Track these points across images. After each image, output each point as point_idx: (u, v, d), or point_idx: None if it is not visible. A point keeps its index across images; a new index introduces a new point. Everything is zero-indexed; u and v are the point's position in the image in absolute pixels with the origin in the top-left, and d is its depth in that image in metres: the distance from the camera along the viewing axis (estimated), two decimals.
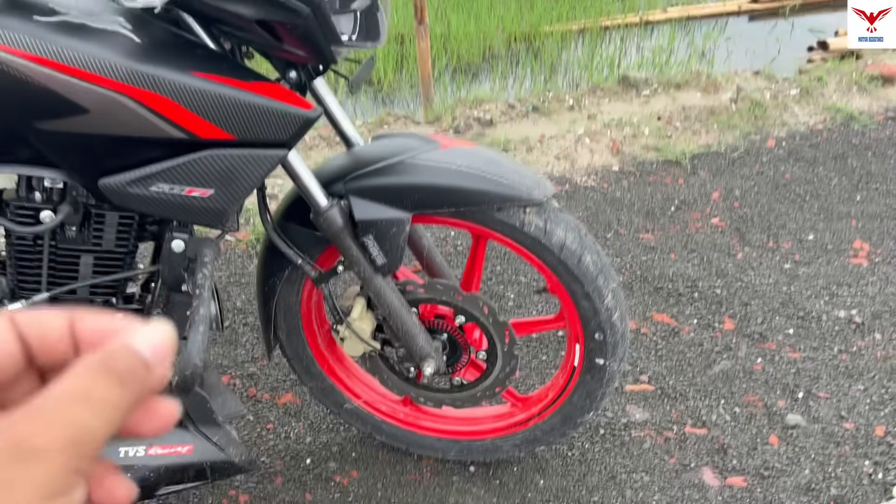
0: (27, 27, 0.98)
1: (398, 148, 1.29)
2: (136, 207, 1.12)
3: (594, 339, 1.39)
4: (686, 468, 1.63)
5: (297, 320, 1.50)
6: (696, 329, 2.00)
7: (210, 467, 1.26)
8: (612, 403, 1.77)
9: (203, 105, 1.04)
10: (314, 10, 1.04)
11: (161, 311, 1.24)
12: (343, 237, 1.27)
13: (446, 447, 1.62)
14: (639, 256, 2.27)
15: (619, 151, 2.83)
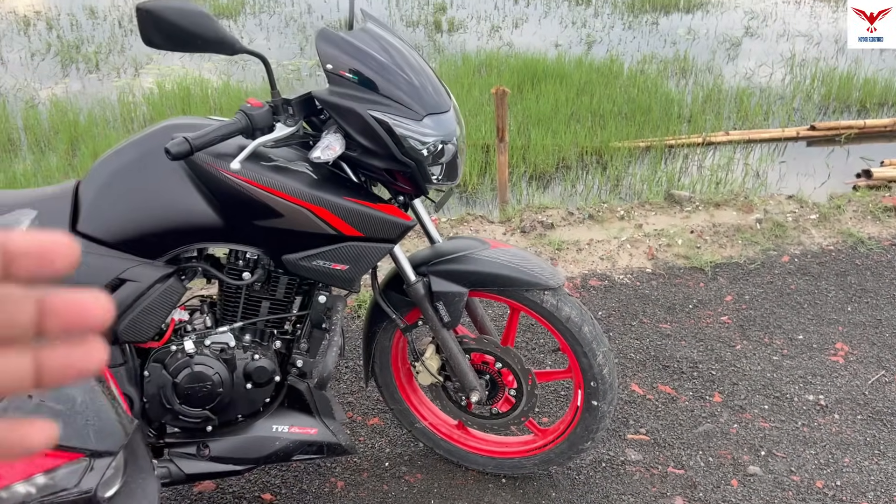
0: (257, 167, 1.72)
1: (462, 246, 1.98)
2: (301, 274, 1.83)
3: (591, 386, 2.01)
4: (663, 495, 2.18)
5: (388, 359, 2.18)
6: (690, 399, 2.56)
7: (326, 446, 1.93)
8: (614, 445, 2.35)
9: (348, 216, 1.76)
10: (417, 164, 1.75)
11: (306, 341, 1.94)
12: (423, 302, 1.95)
13: (485, 462, 2.24)
14: (655, 341, 2.86)
15: (654, 257, 3.45)
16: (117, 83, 6.94)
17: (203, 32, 1.54)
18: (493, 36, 8.77)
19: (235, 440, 1.88)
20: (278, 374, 1.90)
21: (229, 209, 1.75)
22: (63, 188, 1.79)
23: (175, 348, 1.83)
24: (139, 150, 1.76)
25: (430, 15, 9.42)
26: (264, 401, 1.92)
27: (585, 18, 9.67)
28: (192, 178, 1.74)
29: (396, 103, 1.73)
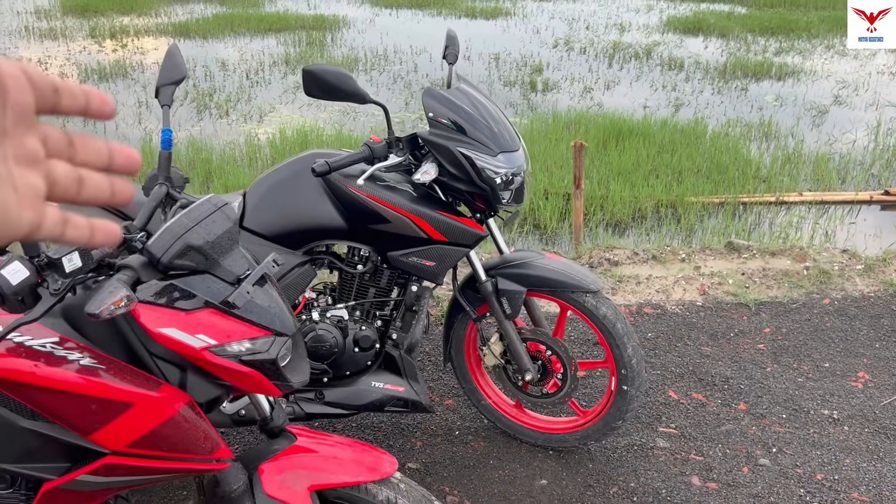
0: (374, 185, 2.35)
1: (524, 256, 2.55)
2: (400, 267, 2.44)
3: (622, 373, 2.51)
4: (682, 474, 2.64)
5: (462, 345, 2.75)
6: (718, 406, 3.00)
7: (410, 402, 2.50)
8: (646, 434, 2.82)
9: (437, 225, 2.36)
10: (490, 189, 2.35)
11: (400, 320, 2.53)
12: (491, 297, 2.52)
13: (536, 436, 2.75)
14: (695, 359, 3.31)
15: (705, 293, 3.90)
16: (244, 128, 7.90)
17: (345, 87, 2.20)
18: (585, 96, 9.37)
19: (344, 390, 2.48)
20: (378, 343, 2.50)
21: (352, 215, 2.39)
22: (234, 195, 2.47)
23: (305, 317, 2.46)
24: (291, 169, 2.44)
25: (527, 76, 10.12)
26: (367, 363, 2.52)
27: (676, 83, 10.14)
28: (327, 191, 2.39)
29: (478, 143, 2.33)
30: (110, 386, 1.37)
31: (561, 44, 12.34)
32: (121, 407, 1.37)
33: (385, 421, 2.88)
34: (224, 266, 1.46)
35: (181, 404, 1.42)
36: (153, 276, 1.42)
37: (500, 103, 9.17)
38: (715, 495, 2.54)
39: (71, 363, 1.37)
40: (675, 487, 2.58)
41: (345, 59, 10.60)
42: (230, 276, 1.47)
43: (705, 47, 12.20)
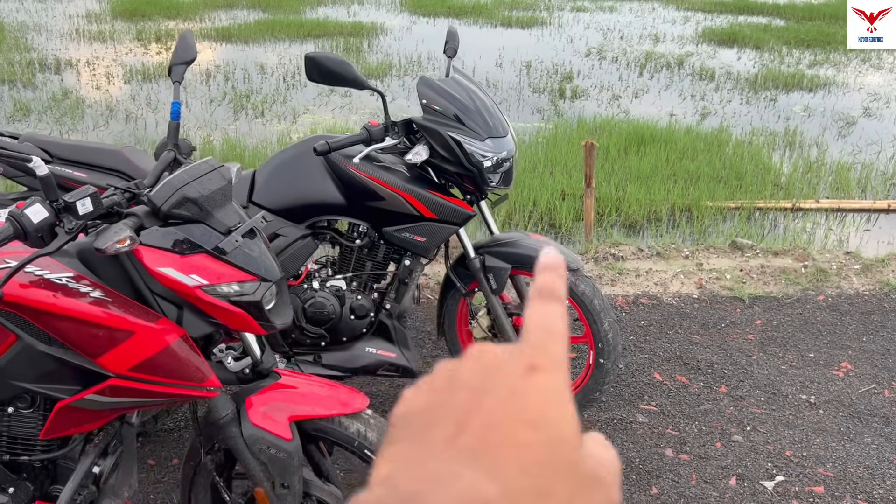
0: (370, 165, 2.57)
1: (510, 236, 2.74)
2: (394, 242, 2.65)
3: (599, 347, 2.69)
4: (657, 446, 2.79)
5: (454, 319, 2.95)
6: (700, 387, 3.15)
7: (402, 368, 2.70)
8: (627, 410, 2.98)
9: (428, 203, 2.57)
10: (478, 171, 2.54)
11: (394, 291, 2.73)
12: (479, 273, 2.71)
13: None
14: (684, 346, 3.46)
15: (702, 286, 4.04)
16: (277, 128, 8.21)
17: (344, 73, 2.43)
18: (612, 104, 9.51)
19: (340, 354, 2.70)
20: (373, 312, 2.71)
21: (350, 193, 2.61)
22: (247, 173, 2.71)
23: (306, 286, 2.69)
24: (296, 150, 2.67)
25: (557, 83, 10.29)
26: (362, 330, 2.73)
27: (705, 92, 10.22)
28: (328, 170, 2.61)
29: (468, 128, 2.54)
30: (116, 316, 1.60)
31: (593, 53, 12.48)
32: (124, 335, 1.60)
33: (383, 389, 3.09)
34: (217, 218, 1.69)
35: (176, 336, 1.65)
36: (154, 223, 1.65)
37: (528, 109, 9.37)
38: (686, 465, 2.69)
39: (83, 295, 1.61)
40: (649, 458, 2.73)
41: (380, 64, 10.89)
42: (222, 227, 1.69)
43: (738, 58, 12.23)
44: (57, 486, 1.84)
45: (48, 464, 1.82)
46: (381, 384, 3.12)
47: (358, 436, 1.83)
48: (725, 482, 2.62)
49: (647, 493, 2.56)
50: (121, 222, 1.58)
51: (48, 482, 1.84)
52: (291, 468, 1.81)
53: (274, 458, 1.79)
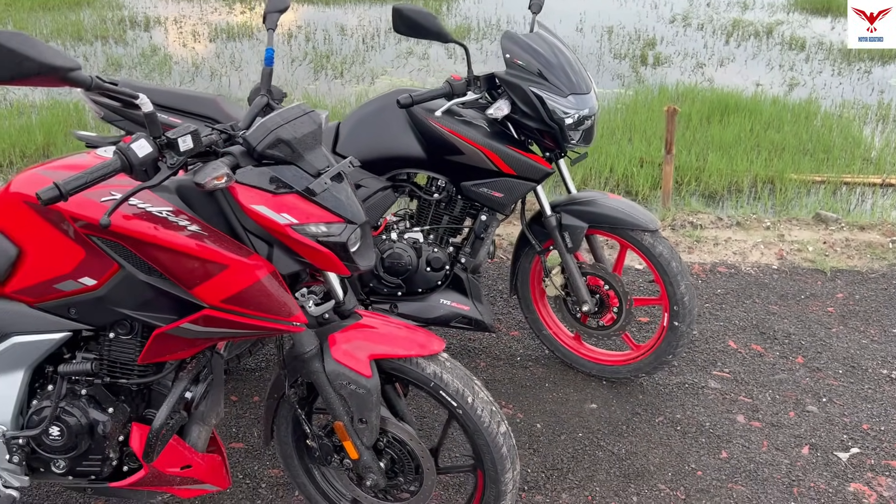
0: (451, 120, 2.60)
1: (588, 195, 2.74)
2: (471, 197, 2.68)
3: (674, 309, 2.67)
4: (728, 412, 2.77)
5: (527, 277, 2.97)
6: (775, 357, 3.10)
7: (474, 321, 2.75)
8: (699, 376, 2.96)
9: (508, 159, 2.58)
10: (559, 128, 2.54)
11: (469, 245, 2.77)
12: (554, 231, 2.72)
13: (591, 367, 2.95)
14: (761, 315, 3.40)
15: (783, 257, 3.94)
16: (356, 88, 8.29)
17: (429, 26, 2.45)
18: (696, 72, 9.24)
19: (415, 305, 2.76)
20: (448, 265, 2.76)
21: (430, 146, 2.64)
22: (331, 125, 2.77)
23: (384, 237, 2.75)
24: (379, 104, 2.72)
25: (639, 50, 10.05)
26: (437, 282, 2.78)
27: (794, 62, 9.83)
28: (410, 124, 2.66)
29: (550, 84, 2.53)
30: (211, 250, 1.68)
31: (678, 19, 12.11)
32: (218, 268, 1.68)
33: (454, 343, 3.15)
34: (307, 160, 1.75)
35: (266, 272, 1.72)
36: (249, 163, 1.72)
37: (608, 75, 9.19)
38: (757, 432, 2.67)
39: (181, 228, 1.69)
40: (720, 422, 2.72)
41: (458, 27, 10.84)
42: (312, 169, 1.75)
43: (832, 28, 11.68)
44: (151, 409, 1.96)
45: (143, 388, 1.94)
46: (452, 337, 3.18)
47: (434, 377, 1.88)
48: (797, 451, 2.59)
49: (716, 457, 2.55)
50: (218, 160, 1.65)
51: (143, 405, 1.97)
52: (370, 404, 1.88)
53: (353, 394, 1.87)
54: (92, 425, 1.87)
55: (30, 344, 1.82)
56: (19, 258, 1.77)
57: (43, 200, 1.44)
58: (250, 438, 2.61)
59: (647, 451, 2.58)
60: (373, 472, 1.96)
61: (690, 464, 2.52)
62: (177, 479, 1.99)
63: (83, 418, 1.86)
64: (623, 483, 2.44)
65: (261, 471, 2.47)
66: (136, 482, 1.95)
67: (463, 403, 1.89)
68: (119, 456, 1.96)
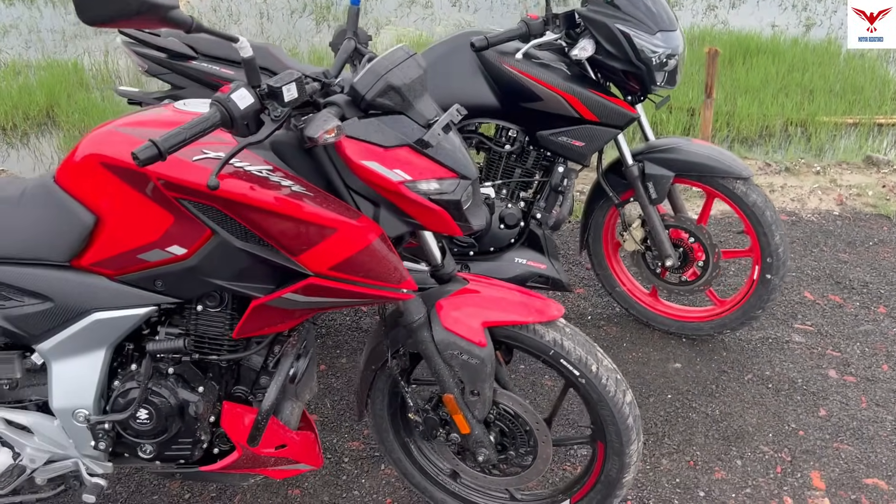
0: (527, 63, 2.39)
1: (672, 141, 2.55)
2: (548, 147, 2.49)
3: (767, 261, 2.51)
4: (819, 366, 2.64)
5: (600, 232, 2.80)
6: (856, 308, 2.96)
7: (551, 280, 2.58)
8: (781, 330, 2.83)
9: (590, 104, 2.39)
10: (647, 68, 2.34)
11: (544, 200, 2.59)
12: (637, 182, 2.54)
13: (670, 324, 2.80)
14: (832, 264, 3.26)
15: (843, 203, 3.79)
16: None
17: None
18: (708, 14, 8.98)
19: (488, 265, 2.59)
20: (522, 221, 2.58)
21: (504, 93, 2.44)
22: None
23: None
24: (447, 47, 2.50)
25: None
26: (510, 240, 2.60)
27: (807, 2, 9.57)
28: (481, 69, 2.45)
29: (636, 20, 2.33)
30: (318, 212, 1.49)
31: None
32: (326, 232, 1.50)
33: None
34: (417, 109, 1.55)
35: (376, 235, 1.54)
36: (355, 114, 1.52)
37: None
38: (853, 388, 2.54)
39: (283, 188, 1.50)
40: (812, 378, 2.59)
41: None
42: (422, 119, 1.55)
43: None
44: (240, 386, 1.80)
45: (233, 365, 1.77)
46: None
47: (554, 344, 1.72)
48: None
49: (814, 415, 2.43)
50: (325, 111, 1.46)
51: (232, 382, 1.80)
52: (483, 375, 1.72)
53: (465, 365, 1.71)
54: (182, 406, 1.71)
55: (112, 320, 1.64)
56: (97, 227, 1.57)
57: (141, 161, 1.25)
58: (323, 409, 2.45)
59: (742, 411, 2.45)
60: (484, 447, 1.81)
61: (790, 423, 2.39)
62: (271, 460, 1.83)
63: (172, 399, 1.69)
64: (724, 446, 2.30)
65: (340, 444, 2.32)
66: (230, 465, 1.80)
67: (586, 372, 1.73)
68: (210, 437, 1.80)
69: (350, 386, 2.57)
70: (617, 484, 1.84)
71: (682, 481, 2.17)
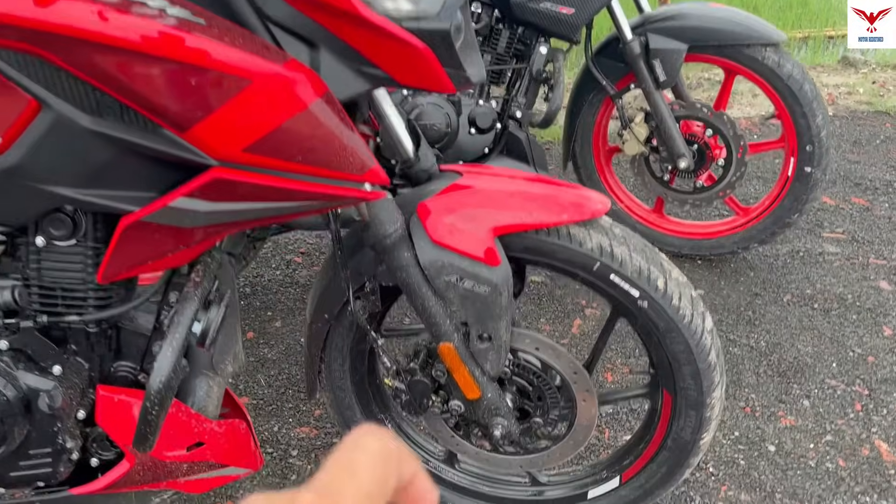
0: None
1: (679, 8, 2.00)
2: (527, 18, 1.90)
3: (805, 150, 2.00)
4: (867, 279, 2.17)
5: (590, 136, 2.24)
6: (886, 210, 2.51)
7: None
8: (809, 241, 2.35)
9: None
10: None
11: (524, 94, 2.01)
12: (638, 61, 1.98)
13: (682, 244, 2.28)
14: (843, 166, 2.80)
15: (834, 102, 3.35)
16: None
17: None
18: None
19: None
20: (498, 122, 1.99)
21: None
22: None
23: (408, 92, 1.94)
24: None
25: None
26: (485, 149, 2.01)
27: None
28: None
29: None
30: (218, 52, 0.86)
31: None
32: (233, 86, 0.87)
33: None
34: None
35: (316, 92, 0.92)
36: None
37: None
38: None
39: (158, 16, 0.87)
40: (863, 293, 2.11)
41: None
42: None
43: None
44: (123, 362, 1.16)
45: (107, 329, 1.13)
46: None
47: (600, 253, 1.15)
48: None
49: (880, 336, 1.94)
50: None
51: (110, 357, 1.16)
52: (497, 309, 1.14)
53: (470, 296, 1.12)
54: (26, 399, 1.07)
55: None
56: None
57: None
58: (256, 389, 1.82)
59: (792, 339, 1.94)
60: (501, 416, 1.23)
61: (853, 348, 1.90)
62: (183, 467, 1.21)
63: (9, 389, 1.06)
64: (782, 384, 1.80)
65: (284, 433, 1.70)
66: (118, 481, 1.17)
67: (649, 290, 1.16)
68: (82, 443, 1.16)
69: (290, 354, 1.94)
70: (691, 449, 1.29)
71: (743, 434, 1.65)
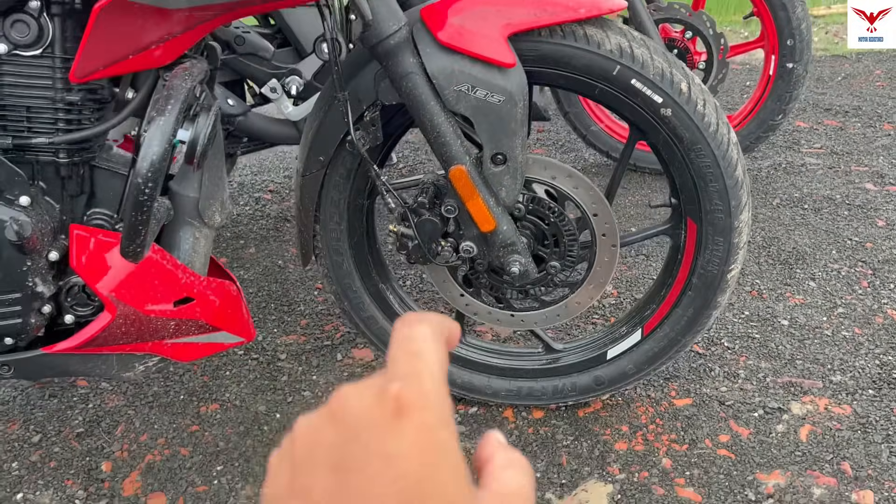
0: None
1: None
2: None
3: (786, 45, 1.98)
4: (852, 182, 2.14)
5: None
6: (859, 128, 2.51)
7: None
8: (789, 156, 2.32)
9: None
10: None
11: None
12: None
13: None
14: (811, 96, 2.81)
15: None
16: None
17: None
18: None
19: None
20: None
21: None
22: None
23: None
24: None
25: None
26: None
27: None
28: None
29: None
30: None
31: None
32: None
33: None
34: None
35: None
36: None
37: None
38: None
39: None
40: (851, 193, 2.08)
41: None
42: None
43: None
44: (98, 210, 1.03)
45: (80, 166, 1.00)
46: None
47: (620, 54, 1.07)
48: None
49: (874, 226, 1.91)
50: None
51: (84, 198, 1.03)
52: (512, 122, 1.05)
53: (483, 107, 1.04)
54: None
55: None
56: None
57: None
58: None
59: (787, 233, 1.89)
60: (518, 252, 1.13)
61: (850, 238, 1.86)
62: (169, 326, 1.08)
63: None
64: (786, 270, 1.74)
65: (270, 341, 1.57)
66: (96, 337, 1.04)
67: (674, 95, 1.09)
68: (54, 294, 1.02)
69: (268, 275, 1.81)
70: (719, 284, 1.21)
71: (754, 313, 1.58)
